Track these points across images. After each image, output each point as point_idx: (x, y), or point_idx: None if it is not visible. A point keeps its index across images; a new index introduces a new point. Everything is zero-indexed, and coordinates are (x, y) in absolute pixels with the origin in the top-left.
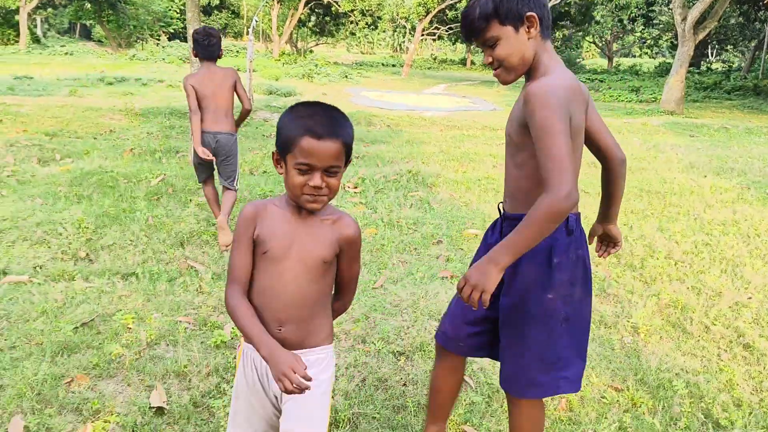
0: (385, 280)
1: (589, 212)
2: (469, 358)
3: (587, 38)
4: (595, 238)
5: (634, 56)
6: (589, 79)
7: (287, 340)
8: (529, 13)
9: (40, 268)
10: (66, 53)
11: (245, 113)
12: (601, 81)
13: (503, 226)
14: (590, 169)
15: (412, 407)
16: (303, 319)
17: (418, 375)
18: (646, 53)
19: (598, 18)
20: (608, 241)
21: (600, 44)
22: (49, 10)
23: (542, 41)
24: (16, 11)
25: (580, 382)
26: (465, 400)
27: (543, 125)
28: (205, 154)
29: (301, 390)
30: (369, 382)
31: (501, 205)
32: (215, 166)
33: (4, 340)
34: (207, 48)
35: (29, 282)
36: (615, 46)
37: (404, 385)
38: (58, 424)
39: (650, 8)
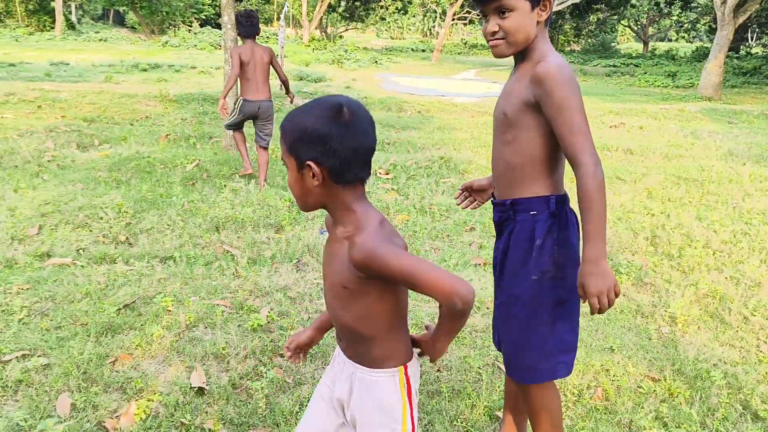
0: None
1: (625, 199)
2: None
3: (622, 22)
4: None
5: (671, 40)
6: (623, 63)
7: (345, 352)
8: None
9: (83, 250)
10: (100, 39)
11: (286, 82)
12: (636, 66)
13: (495, 215)
14: (625, 156)
15: (447, 393)
16: (348, 340)
17: (452, 361)
18: (683, 37)
19: (633, 1)
20: (479, 196)
21: (635, 28)
22: None
23: (543, 27)
24: None
25: (573, 365)
26: (499, 387)
27: (564, 103)
28: (224, 110)
29: None
30: None
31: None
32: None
33: (50, 321)
34: (248, 27)
35: (72, 264)
36: (651, 30)
37: (438, 370)
38: (104, 401)
39: None
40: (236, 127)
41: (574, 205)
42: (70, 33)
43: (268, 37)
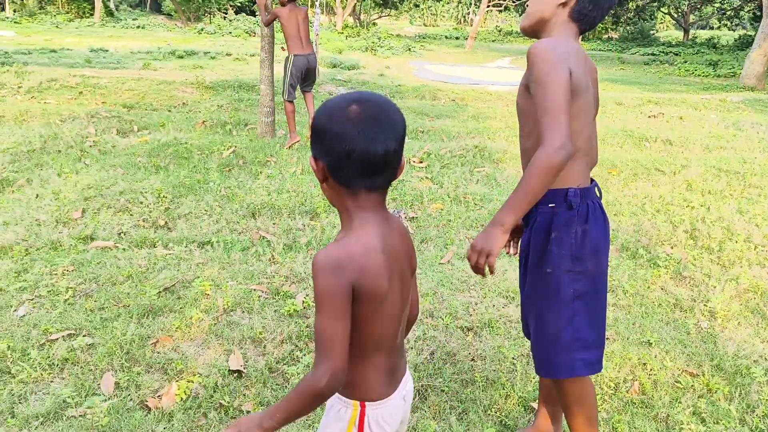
0: (452, 256)
1: (664, 191)
2: None
3: (662, 9)
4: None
5: (712, 28)
6: (663, 52)
7: None
8: None
9: (124, 234)
10: (138, 27)
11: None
12: (676, 54)
13: None
14: (664, 147)
15: (481, 382)
16: None
17: (486, 351)
18: (725, 25)
19: None
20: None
21: (675, 15)
22: None
23: (569, 21)
24: None
25: (600, 364)
26: (534, 378)
27: (540, 79)
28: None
29: None
30: (437, 356)
31: None
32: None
33: (94, 302)
34: None
35: (114, 247)
36: (692, 18)
37: (473, 360)
38: (146, 381)
39: None
40: (293, 95)
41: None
42: (109, 20)
43: None
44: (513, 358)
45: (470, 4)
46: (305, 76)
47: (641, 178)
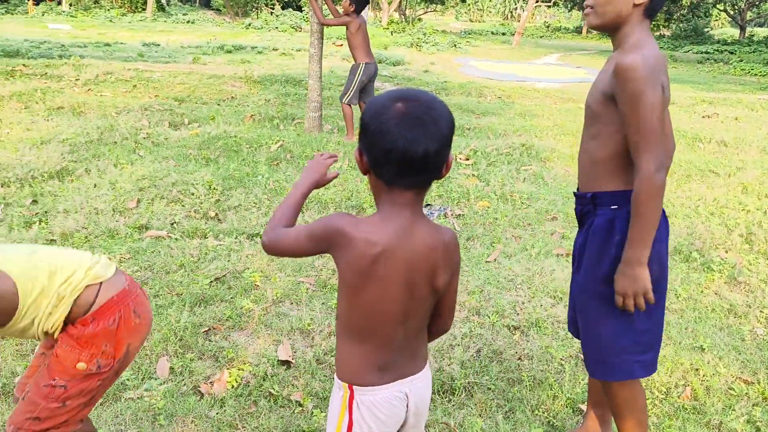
0: (498, 254)
1: (718, 194)
2: None
3: (717, 6)
4: None
5: None
6: (717, 50)
7: None
8: None
9: (177, 224)
10: (188, 21)
11: None
12: (732, 53)
13: (576, 207)
14: (719, 149)
15: (528, 381)
16: None
17: (533, 350)
18: None
19: None
20: None
21: (732, 12)
22: None
23: (643, 18)
24: None
25: (655, 366)
26: (582, 379)
27: (633, 99)
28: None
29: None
30: (484, 354)
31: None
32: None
33: (149, 289)
34: (362, 4)
35: (168, 237)
36: (749, 15)
37: (519, 359)
38: (199, 367)
39: None
40: (358, 98)
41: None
42: (160, 15)
43: None
44: (561, 359)
45: None
46: (368, 85)
47: (695, 180)
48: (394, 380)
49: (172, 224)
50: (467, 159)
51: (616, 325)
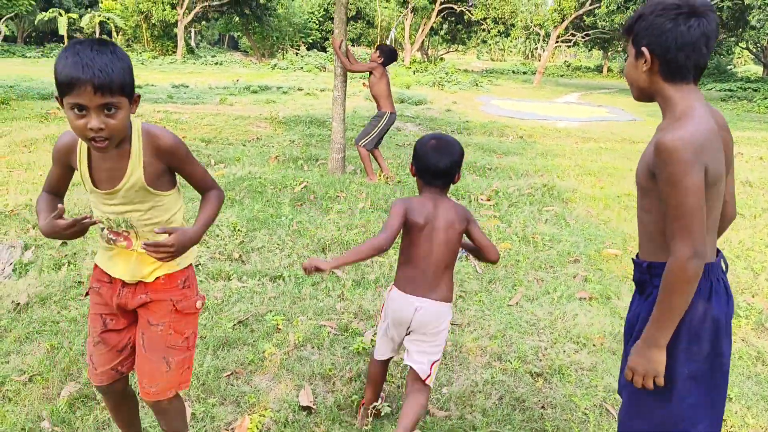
0: (520, 298)
1: (744, 236)
2: None
3: (740, 44)
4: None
5: None
6: (741, 88)
7: None
8: (642, 48)
9: (202, 266)
10: (216, 63)
11: None
12: (755, 90)
13: (634, 273)
14: (744, 189)
15: (551, 431)
16: None
17: (557, 399)
18: None
19: (753, 23)
20: None
21: (755, 50)
22: (203, 23)
23: (669, 82)
24: (175, 24)
25: None
26: (607, 429)
27: (672, 181)
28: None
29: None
30: (506, 401)
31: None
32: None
33: None
34: (391, 59)
35: None
36: None
37: (542, 407)
38: (221, 413)
39: None
40: (373, 146)
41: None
42: (190, 57)
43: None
44: (585, 409)
45: (538, 39)
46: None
47: None
48: (412, 294)
49: (197, 266)
50: (489, 200)
51: (666, 401)
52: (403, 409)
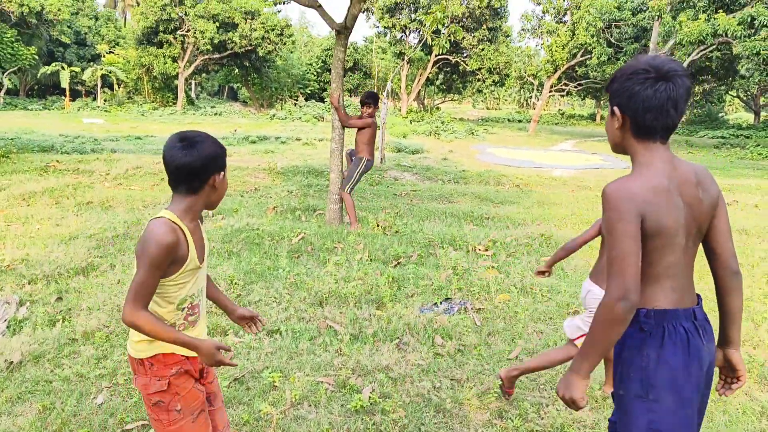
0: (520, 351)
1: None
2: None
3: (730, 92)
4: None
5: None
6: (733, 135)
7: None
8: (614, 108)
9: None
10: (215, 114)
11: None
12: (747, 137)
13: None
14: (740, 238)
15: None
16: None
17: None
18: None
19: (743, 72)
20: (728, 373)
21: (745, 98)
22: (203, 75)
23: (637, 140)
24: (176, 77)
25: None
26: None
27: (607, 227)
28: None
29: None
30: None
31: None
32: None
33: None
34: (376, 99)
35: None
36: (762, 100)
37: None
38: None
39: None
40: (355, 187)
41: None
42: (190, 108)
43: None
44: None
45: (532, 88)
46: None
47: None
48: None
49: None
50: (486, 250)
51: None
52: None
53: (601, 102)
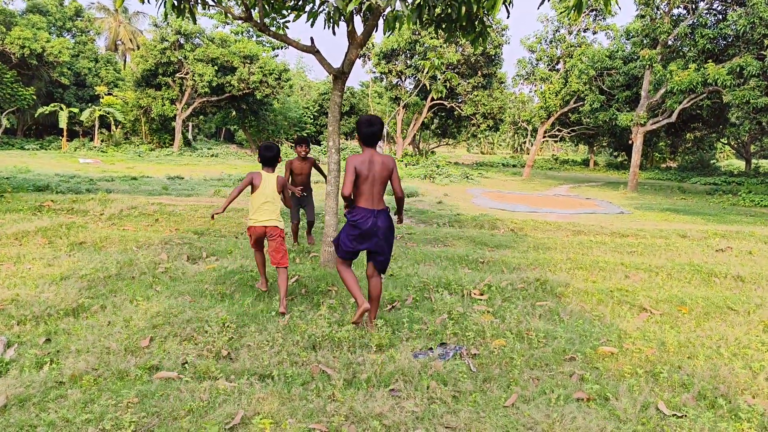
0: (516, 399)
1: (739, 333)
2: None
3: (721, 140)
4: None
5: None
6: (725, 182)
7: None
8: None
9: (188, 364)
10: (212, 155)
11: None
12: (739, 184)
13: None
14: (736, 284)
15: None
16: None
17: None
18: None
19: (733, 120)
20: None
21: (735, 145)
22: (201, 117)
23: (361, 145)
24: (173, 118)
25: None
26: None
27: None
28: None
29: None
30: None
31: None
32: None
33: None
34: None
35: (178, 378)
36: (753, 148)
37: None
38: None
39: None
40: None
41: None
42: (186, 149)
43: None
44: None
45: (526, 133)
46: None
47: (714, 318)
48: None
49: (183, 364)
50: (482, 294)
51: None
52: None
53: (594, 148)
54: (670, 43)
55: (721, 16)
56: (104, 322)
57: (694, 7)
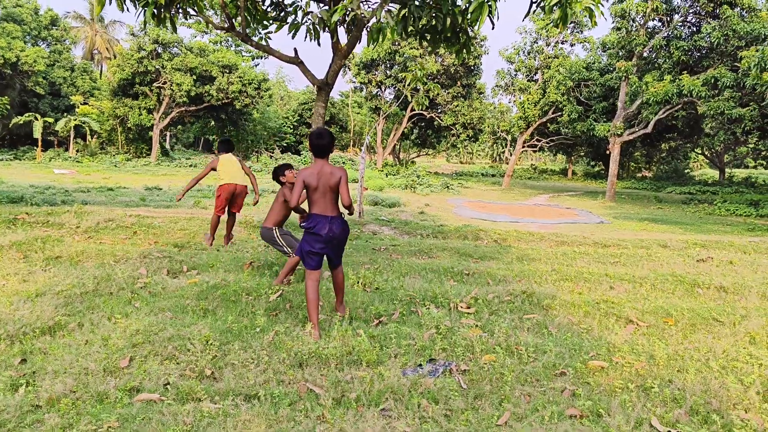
0: (509, 417)
1: (726, 345)
2: None
3: (696, 150)
4: None
5: (747, 167)
6: (700, 191)
7: None
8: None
9: (170, 385)
10: (190, 165)
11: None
12: (714, 193)
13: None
14: (719, 295)
15: None
16: None
17: None
18: (762, 164)
19: (707, 130)
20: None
21: (709, 155)
22: (179, 127)
23: (315, 156)
24: (151, 128)
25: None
26: None
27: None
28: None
29: None
30: None
31: None
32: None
33: None
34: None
35: (160, 401)
36: (726, 157)
37: None
38: None
39: (766, 120)
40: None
41: None
42: (164, 159)
43: (344, 162)
44: None
45: (505, 143)
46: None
47: (700, 330)
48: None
49: (165, 385)
50: (469, 308)
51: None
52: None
53: (572, 158)
54: (645, 54)
55: (695, 29)
56: (82, 341)
57: (668, 19)
